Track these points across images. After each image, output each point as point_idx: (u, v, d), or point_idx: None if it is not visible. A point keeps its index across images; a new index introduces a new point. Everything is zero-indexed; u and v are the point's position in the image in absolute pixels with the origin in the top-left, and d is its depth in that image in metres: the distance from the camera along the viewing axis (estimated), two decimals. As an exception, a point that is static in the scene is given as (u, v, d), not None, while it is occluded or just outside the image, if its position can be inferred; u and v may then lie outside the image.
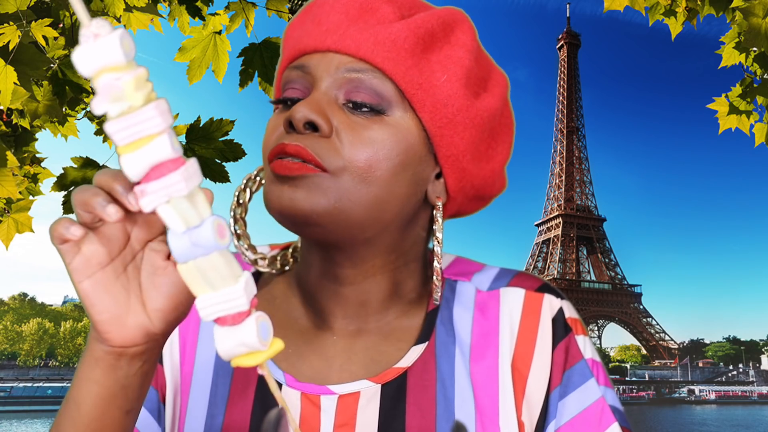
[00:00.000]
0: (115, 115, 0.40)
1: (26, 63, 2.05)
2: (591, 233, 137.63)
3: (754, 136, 3.11)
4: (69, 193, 2.36)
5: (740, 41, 2.87)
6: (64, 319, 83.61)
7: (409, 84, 0.64)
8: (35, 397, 56.48)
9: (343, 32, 0.64)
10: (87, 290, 0.49)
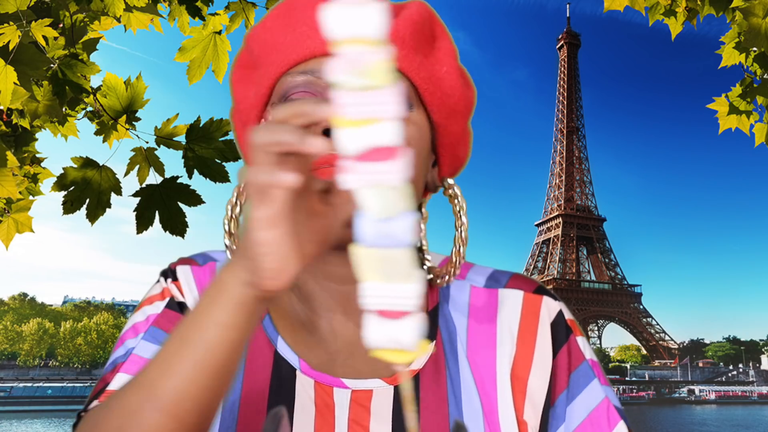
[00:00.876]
0: (353, 88, 0.39)
1: (26, 63, 2.05)
2: (591, 233, 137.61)
3: (754, 136, 3.11)
4: (69, 193, 2.37)
5: (740, 41, 2.87)
6: (64, 319, 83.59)
7: (422, 80, 0.66)
8: (35, 397, 56.49)
9: None
10: (268, 239, 0.47)
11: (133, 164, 2.42)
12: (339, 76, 0.39)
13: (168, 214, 2.33)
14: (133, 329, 0.67)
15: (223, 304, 0.50)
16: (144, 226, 2.33)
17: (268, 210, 0.46)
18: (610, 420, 0.68)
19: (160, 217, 2.34)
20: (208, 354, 0.50)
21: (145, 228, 2.34)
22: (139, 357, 0.64)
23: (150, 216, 2.34)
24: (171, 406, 0.49)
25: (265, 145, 0.46)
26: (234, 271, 0.50)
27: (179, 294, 0.68)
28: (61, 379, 69.24)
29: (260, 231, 0.47)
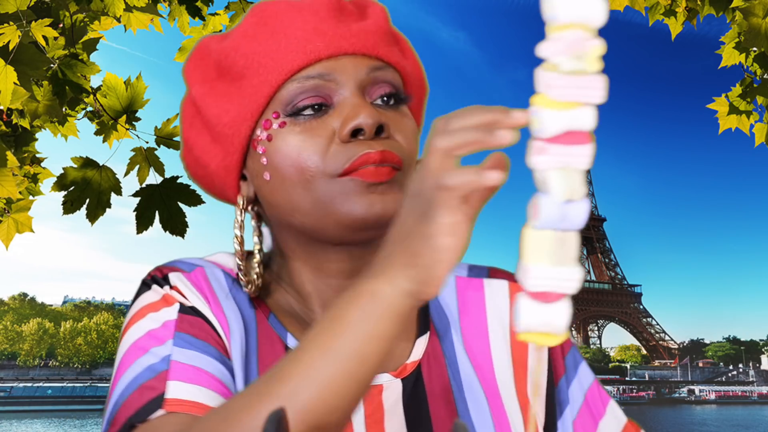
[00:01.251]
0: (566, 71, 0.41)
1: (26, 63, 2.05)
2: (591, 233, 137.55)
3: (754, 136, 3.11)
4: (69, 193, 2.37)
5: (740, 41, 2.87)
6: (64, 319, 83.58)
7: (406, 73, 0.69)
8: (35, 397, 56.49)
9: (350, 33, 0.65)
10: (451, 246, 0.46)
11: (133, 164, 2.42)
12: (554, 57, 0.41)
13: (168, 214, 2.33)
14: (149, 336, 0.63)
15: (383, 317, 0.48)
16: (144, 226, 2.33)
17: (456, 215, 0.45)
18: (603, 399, 0.73)
19: (160, 217, 2.34)
20: (363, 367, 0.48)
21: (145, 228, 2.34)
22: (183, 364, 0.60)
23: (150, 216, 2.34)
24: (317, 418, 0.48)
25: (453, 147, 0.44)
26: (394, 281, 0.47)
27: (184, 299, 0.66)
28: (61, 379, 69.24)
29: (446, 237, 0.45)
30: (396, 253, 0.48)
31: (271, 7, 0.66)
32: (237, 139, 0.66)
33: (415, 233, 0.47)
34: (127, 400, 0.58)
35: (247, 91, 0.65)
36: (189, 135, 0.70)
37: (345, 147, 0.62)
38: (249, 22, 0.66)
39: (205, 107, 0.67)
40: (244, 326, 0.67)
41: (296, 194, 0.63)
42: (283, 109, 0.64)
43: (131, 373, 0.60)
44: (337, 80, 0.64)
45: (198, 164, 0.71)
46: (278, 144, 0.64)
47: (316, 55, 0.63)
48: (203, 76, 0.68)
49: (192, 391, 0.58)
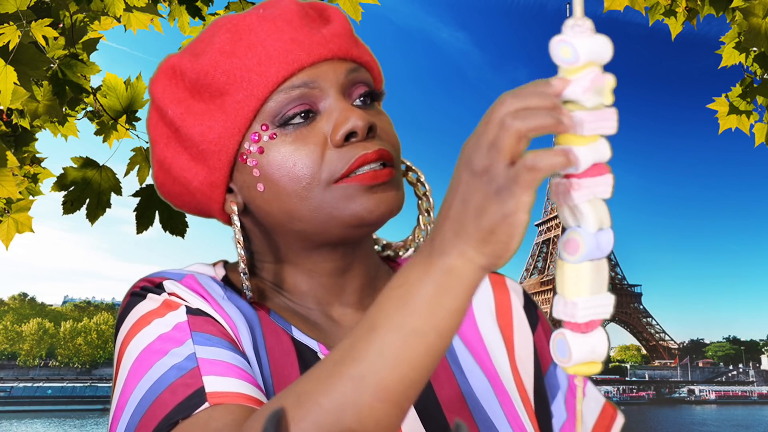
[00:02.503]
0: (591, 107, 0.44)
1: (26, 63, 2.05)
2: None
3: (754, 136, 3.11)
4: (69, 193, 2.37)
5: (740, 41, 2.87)
6: (64, 319, 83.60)
7: (373, 69, 0.72)
8: (35, 397, 56.49)
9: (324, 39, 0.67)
10: (525, 222, 0.46)
11: (133, 164, 2.42)
12: (580, 95, 0.44)
13: (168, 214, 2.33)
14: (162, 339, 0.61)
15: (459, 292, 0.48)
16: (144, 226, 2.33)
17: (533, 195, 0.46)
18: (586, 381, 0.76)
19: (160, 217, 2.34)
20: (441, 341, 0.49)
21: (145, 228, 2.34)
22: (210, 359, 0.59)
23: (150, 216, 2.34)
24: (397, 395, 0.48)
25: (530, 130, 0.44)
26: (469, 256, 0.47)
27: (186, 302, 0.65)
28: (61, 379, 69.25)
29: (525, 215, 0.46)
30: (469, 230, 0.47)
31: (241, 22, 0.66)
32: (224, 155, 0.66)
33: (490, 211, 0.46)
34: (156, 400, 0.57)
35: (230, 107, 0.65)
36: (165, 155, 0.69)
37: (340, 151, 0.63)
38: (223, 39, 0.66)
39: (185, 127, 0.67)
40: (247, 323, 0.67)
41: (293, 203, 0.64)
42: (272, 120, 0.65)
43: (153, 376, 0.59)
44: (321, 86, 0.65)
45: (176, 183, 0.70)
46: (271, 156, 0.65)
47: (299, 64, 0.64)
48: (176, 96, 0.68)
49: (231, 383, 0.58)
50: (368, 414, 0.47)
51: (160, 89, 0.69)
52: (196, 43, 0.69)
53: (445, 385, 0.70)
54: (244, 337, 0.66)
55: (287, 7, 0.67)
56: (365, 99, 0.68)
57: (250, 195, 0.67)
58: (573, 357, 0.46)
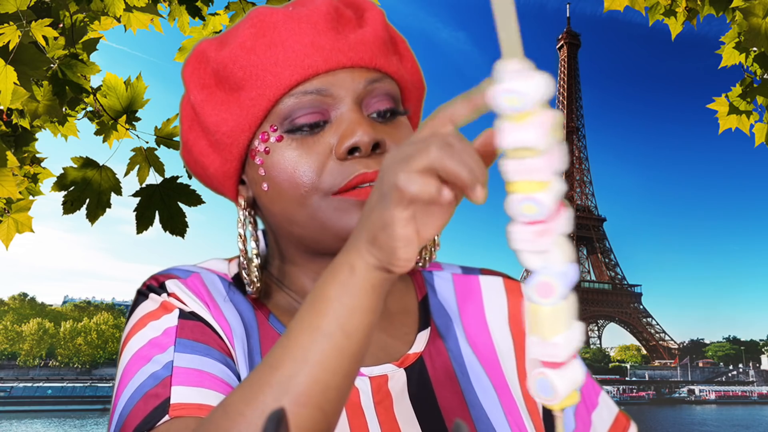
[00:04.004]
0: (545, 150, 0.43)
1: (26, 63, 2.05)
2: (591, 233, 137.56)
3: (754, 136, 3.11)
4: (69, 193, 2.36)
5: (740, 41, 2.87)
6: (64, 319, 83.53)
7: (404, 80, 0.69)
8: (35, 397, 56.44)
9: (347, 46, 0.64)
10: (407, 235, 0.47)
11: (133, 164, 2.42)
12: (537, 143, 0.42)
13: (168, 214, 2.33)
14: (151, 344, 0.63)
15: (358, 289, 0.48)
16: (144, 226, 2.33)
17: (408, 212, 0.46)
18: (595, 390, 0.78)
19: (160, 217, 2.34)
20: (350, 341, 0.49)
21: (145, 228, 2.34)
22: (186, 368, 0.61)
23: (150, 216, 2.34)
24: (315, 399, 0.48)
25: (443, 168, 0.45)
26: (363, 255, 0.48)
27: (183, 305, 0.66)
28: (61, 379, 69.21)
29: (402, 229, 0.46)
30: (362, 230, 0.49)
31: (269, 17, 0.65)
32: (235, 149, 0.66)
33: (374, 215, 0.47)
34: (133, 409, 0.59)
35: (245, 103, 0.65)
36: (188, 137, 0.71)
37: (341, 165, 0.63)
38: (247, 33, 0.65)
39: (204, 114, 0.67)
40: (245, 327, 0.68)
41: (292, 208, 0.64)
42: (281, 123, 0.64)
43: (135, 383, 0.61)
44: (334, 95, 0.64)
45: (197, 164, 0.72)
46: (275, 158, 0.64)
47: (314, 70, 0.63)
48: (201, 82, 0.68)
49: (195, 394, 0.59)
50: (291, 421, 0.47)
51: (189, 71, 0.69)
52: (228, 31, 0.69)
53: (447, 390, 0.70)
54: (238, 342, 0.66)
55: (317, 7, 0.65)
56: (385, 112, 0.66)
57: (257, 191, 0.68)
58: (559, 395, 0.45)
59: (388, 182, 0.46)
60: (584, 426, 0.75)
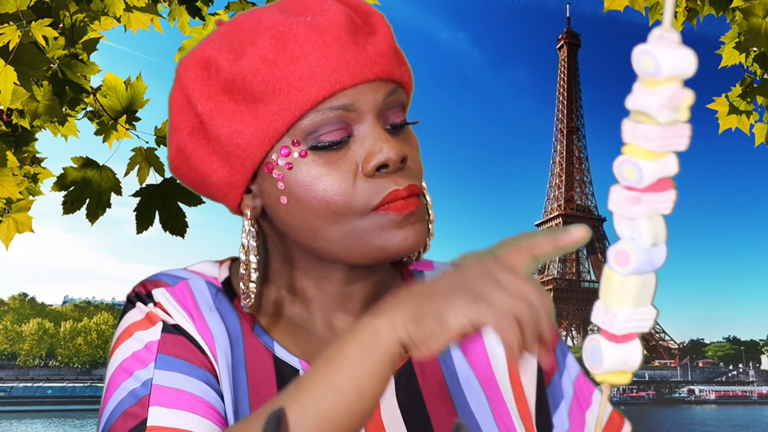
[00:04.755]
0: (663, 122, 0.43)
1: (26, 63, 2.05)
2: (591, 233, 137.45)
3: (754, 136, 3.11)
4: (69, 193, 2.36)
5: (740, 41, 2.87)
6: (64, 319, 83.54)
7: (408, 87, 0.69)
8: (35, 397, 56.48)
9: (369, 59, 0.63)
10: (457, 331, 0.50)
11: (133, 164, 2.42)
12: (658, 111, 0.43)
13: (168, 214, 2.33)
14: (134, 357, 0.64)
15: (380, 356, 0.51)
16: (144, 226, 2.33)
17: (459, 323, 0.50)
18: (588, 388, 0.77)
19: (160, 217, 2.34)
20: (361, 403, 0.51)
21: (145, 228, 2.34)
22: (165, 387, 0.61)
23: (150, 216, 2.34)
24: None
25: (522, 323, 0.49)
26: (396, 326, 0.51)
27: (168, 317, 0.66)
28: (61, 379, 69.25)
29: (455, 324, 0.50)
30: (409, 303, 0.52)
31: (288, 29, 0.63)
32: (249, 161, 0.64)
33: (439, 300, 0.51)
34: (112, 428, 0.60)
35: (264, 116, 0.63)
36: (186, 144, 0.68)
37: (371, 182, 0.63)
38: (266, 44, 0.62)
39: (214, 125, 0.65)
40: (229, 339, 0.68)
41: (320, 224, 0.63)
42: (304, 138, 0.63)
43: (116, 399, 0.62)
44: (359, 110, 0.63)
45: (193, 171, 0.69)
46: (299, 174, 0.63)
47: (341, 85, 0.62)
48: (208, 91, 0.65)
49: (173, 416, 0.59)
50: None
51: (191, 79, 0.66)
52: (235, 38, 0.65)
53: (436, 394, 0.69)
54: (221, 355, 0.67)
55: (335, 18, 0.63)
56: (399, 124, 0.67)
57: (270, 203, 0.66)
58: (604, 365, 0.46)
59: (476, 288, 0.50)
60: (578, 425, 0.74)
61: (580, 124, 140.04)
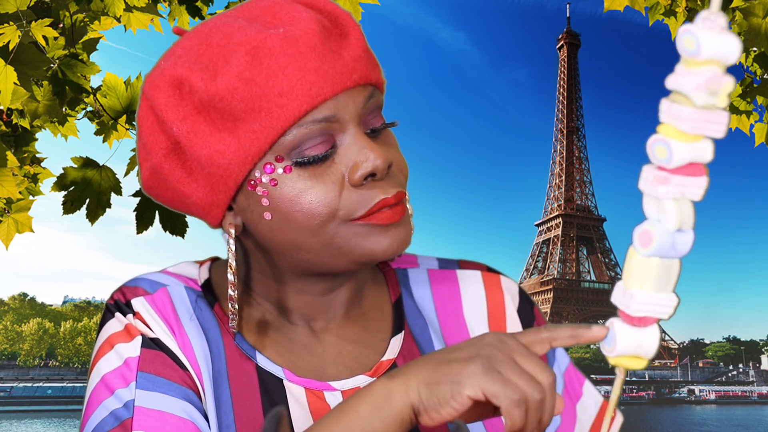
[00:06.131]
0: (700, 105, 0.43)
1: (26, 63, 2.05)
2: (591, 233, 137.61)
3: (754, 136, 3.11)
4: (69, 193, 2.36)
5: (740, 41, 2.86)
6: (64, 319, 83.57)
7: (382, 85, 0.68)
8: (35, 397, 56.49)
9: (346, 66, 0.62)
10: (470, 400, 0.52)
11: (133, 164, 2.42)
12: (694, 92, 0.42)
13: (168, 214, 2.33)
14: (115, 373, 0.63)
15: (390, 417, 0.53)
16: (144, 226, 2.33)
17: (470, 392, 0.52)
18: (579, 380, 0.77)
19: (160, 217, 2.34)
20: None
21: (145, 228, 2.34)
22: (148, 409, 0.61)
23: (150, 216, 2.34)
24: None
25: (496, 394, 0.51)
26: (409, 389, 0.53)
27: (147, 329, 0.66)
28: (61, 379, 69.21)
29: (471, 394, 0.52)
30: (426, 369, 0.54)
31: (263, 43, 0.60)
32: (231, 180, 0.63)
33: (456, 365, 0.53)
34: None
35: (245, 135, 0.61)
36: (162, 166, 0.65)
37: (359, 193, 0.62)
38: (241, 62, 0.60)
39: (192, 147, 0.62)
40: (210, 350, 0.67)
41: (303, 236, 0.63)
42: (288, 154, 0.61)
43: (98, 417, 0.62)
44: (341, 119, 0.62)
45: (170, 191, 0.67)
46: (284, 190, 0.62)
47: (322, 98, 0.60)
48: (182, 112, 0.62)
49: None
50: None
51: (163, 100, 0.63)
52: (205, 54, 0.62)
53: None
54: (203, 367, 0.66)
55: (308, 27, 0.61)
56: (379, 128, 0.66)
57: (253, 220, 0.65)
58: (618, 348, 0.46)
59: (495, 364, 0.52)
60: (569, 418, 0.74)
61: (580, 124, 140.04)
